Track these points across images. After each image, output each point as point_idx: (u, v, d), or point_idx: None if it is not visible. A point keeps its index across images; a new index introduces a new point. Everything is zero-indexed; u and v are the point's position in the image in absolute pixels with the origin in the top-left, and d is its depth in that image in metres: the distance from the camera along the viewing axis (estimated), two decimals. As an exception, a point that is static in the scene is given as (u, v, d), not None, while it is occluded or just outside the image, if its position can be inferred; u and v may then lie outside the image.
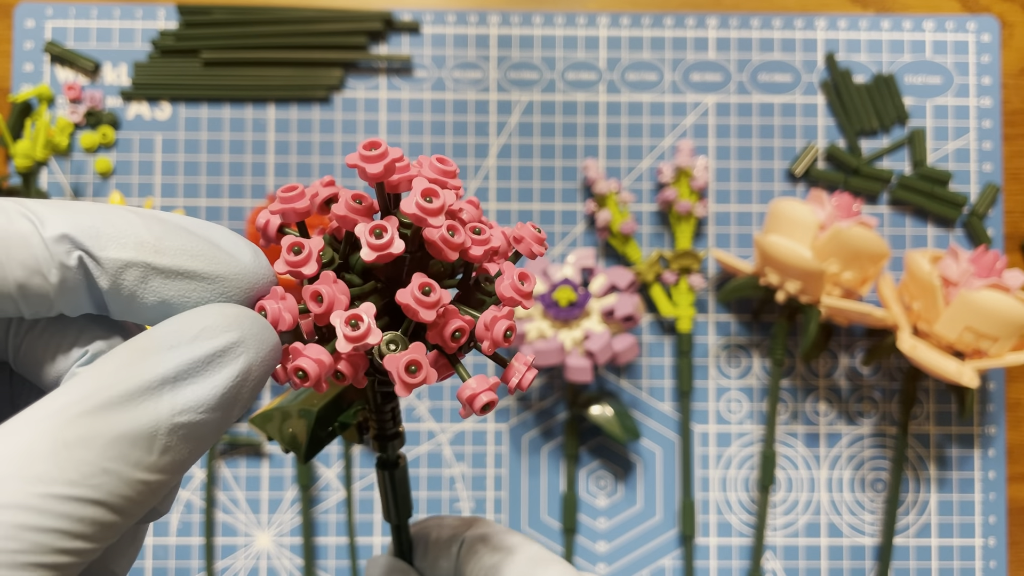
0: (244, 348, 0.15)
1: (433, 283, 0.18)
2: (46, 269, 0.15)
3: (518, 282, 0.19)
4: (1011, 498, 0.50)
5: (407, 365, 0.18)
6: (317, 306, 0.18)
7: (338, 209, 0.18)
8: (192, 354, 0.15)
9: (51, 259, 0.15)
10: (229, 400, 0.15)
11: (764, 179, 0.50)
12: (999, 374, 0.50)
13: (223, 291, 0.17)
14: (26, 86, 0.49)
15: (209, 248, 0.17)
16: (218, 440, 0.16)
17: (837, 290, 0.45)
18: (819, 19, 0.50)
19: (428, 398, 0.49)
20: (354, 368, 0.18)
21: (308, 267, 0.18)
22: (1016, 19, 0.51)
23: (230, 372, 0.15)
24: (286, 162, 0.49)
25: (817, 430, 0.50)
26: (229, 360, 0.15)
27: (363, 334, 0.17)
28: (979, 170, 0.50)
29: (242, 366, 0.15)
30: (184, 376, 0.15)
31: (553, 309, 0.45)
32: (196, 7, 0.49)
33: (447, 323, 0.18)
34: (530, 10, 0.50)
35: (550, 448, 0.49)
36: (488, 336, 0.19)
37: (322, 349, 0.18)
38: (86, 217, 0.16)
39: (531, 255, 0.20)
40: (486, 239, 0.19)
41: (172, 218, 0.17)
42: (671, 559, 0.49)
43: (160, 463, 0.14)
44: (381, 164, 0.18)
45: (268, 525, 0.48)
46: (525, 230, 0.20)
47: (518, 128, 0.50)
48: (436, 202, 0.18)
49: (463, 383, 0.19)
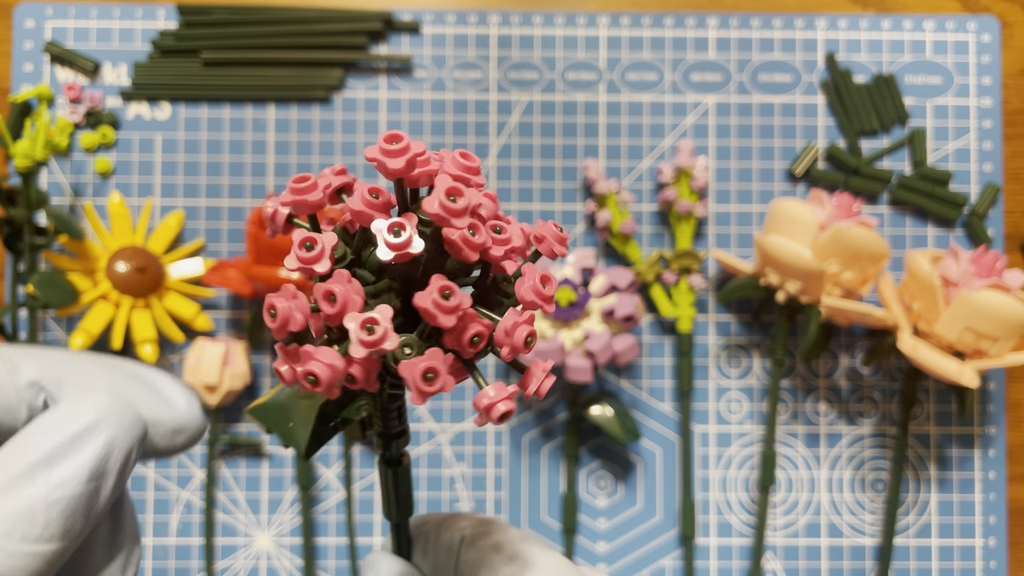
0: (105, 424, 0.18)
1: (453, 286, 0.17)
2: (16, 408, 0.18)
3: (539, 285, 0.18)
4: (1011, 498, 0.50)
5: (424, 372, 0.17)
6: (330, 306, 0.17)
7: (353, 203, 0.18)
8: (58, 437, 0.17)
9: (21, 401, 0.18)
10: (97, 472, 0.17)
11: (764, 179, 0.50)
12: (999, 374, 0.50)
13: (154, 431, 0.20)
14: (26, 86, 0.49)
15: (150, 396, 0.20)
16: (97, 509, 0.18)
17: (837, 290, 0.45)
18: (819, 19, 0.50)
19: (428, 398, 0.49)
20: (367, 372, 0.18)
21: (321, 264, 0.17)
22: (1016, 19, 0.51)
23: (94, 447, 0.17)
24: (286, 162, 0.49)
25: (817, 430, 0.50)
26: (92, 437, 0.17)
27: (379, 339, 0.17)
28: (979, 170, 0.50)
29: (105, 439, 0.18)
30: (54, 457, 0.17)
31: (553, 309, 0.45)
32: (196, 7, 0.49)
33: (466, 328, 0.18)
34: (530, 10, 0.50)
35: (550, 448, 0.49)
36: (508, 342, 0.18)
37: (334, 352, 0.17)
38: (54, 367, 0.19)
39: (552, 255, 0.19)
40: (507, 238, 0.18)
41: (127, 367, 0.20)
42: (671, 559, 0.49)
43: (45, 535, 0.17)
44: (403, 159, 0.17)
45: (268, 525, 0.48)
46: (547, 228, 0.19)
47: (518, 128, 0.50)
48: (460, 202, 0.17)
49: (480, 391, 0.18)
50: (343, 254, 0.18)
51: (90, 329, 0.45)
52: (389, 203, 0.18)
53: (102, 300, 0.47)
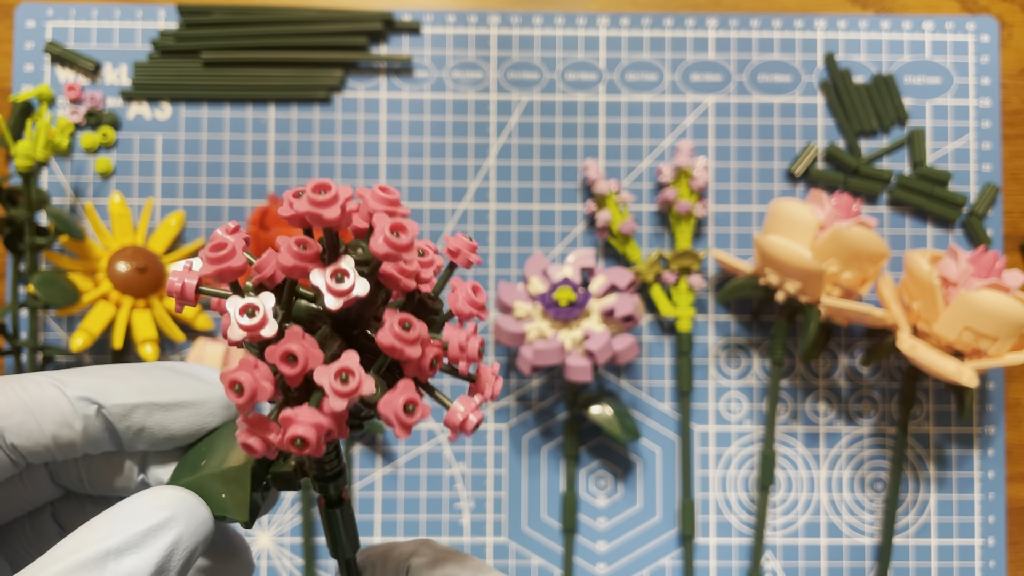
0: (175, 522, 0.19)
1: (411, 317, 0.17)
2: (72, 421, 0.20)
3: (472, 294, 0.19)
4: (1010, 498, 0.50)
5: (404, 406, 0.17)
6: (290, 367, 0.17)
7: (284, 260, 0.17)
8: (131, 530, 0.18)
9: (75, 413, 0.20)
10: (160, 567, 0.18)
11: (764, 179, 0.50)
12: (998, 374, 0.50)
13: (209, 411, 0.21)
14: (26, 86, 0.49)
15: (193, 382, 0.22)
16: None
17: (837, 290, 0.45)
18: (819, 19, 0.50)
19: (428, 398, 0.49)
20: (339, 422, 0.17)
21: (268, 328, 0.17)
22: (1015, 19, 0.51)
23: (162, 543, 0.18)
24: (286, 162, 0.49)
25: (817, 430, 0.50)
26: (162, 533, 0.18)
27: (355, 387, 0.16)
28: (978, 170, 0.50)
29: (173, 537, 0.18)
30: (124, 549, 0.18)
31: (553, 309, 0.45)
32: (196, 7, 0.49)
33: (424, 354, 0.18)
34: (530, 10, 0.50)
35: (550, 448, 0.49)
36: (464, 356, 0.18)
37: (314, 411, 0.17)
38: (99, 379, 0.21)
39: (468, 265, 0.19)
40: (431, 260, 0.18)
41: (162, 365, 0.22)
42: (671, 559, 0.49)
43: None
44: (337, 207, 0.17)
45: (268, 525, 0.49)
46: (459, 241, 0.19)
47: (518, 128, 0.50)
48: (404, 237, 0.17)
49: (449, 409, 0.18)
50: (275, 312, 0.18)
51: (91, 329, 0.46)
52: (317, 251, 0.18)
53: (103, 300, 0.47)
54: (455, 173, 0.50)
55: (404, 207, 0.19)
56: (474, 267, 0.49)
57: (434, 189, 0.50)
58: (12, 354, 0.46)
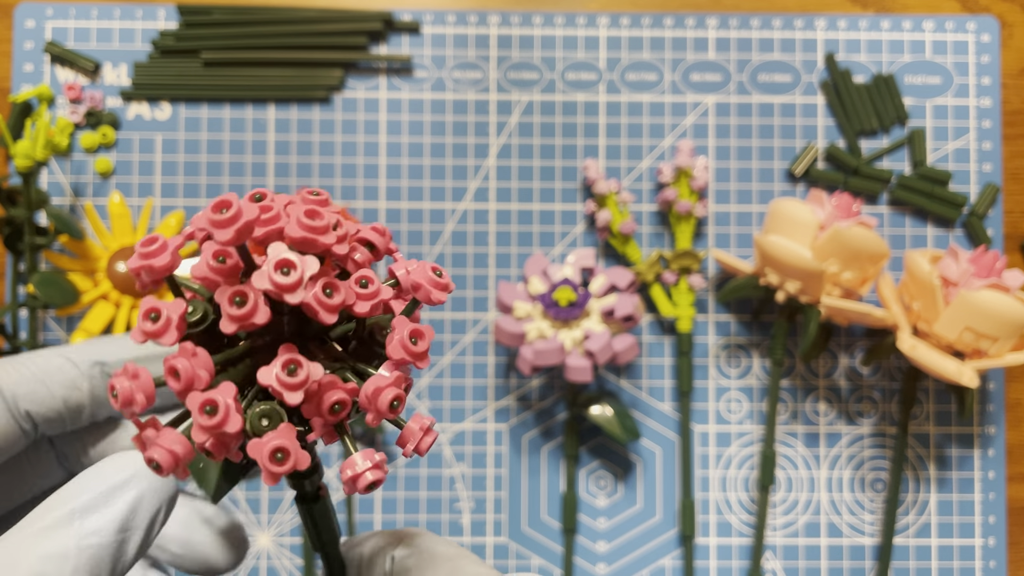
0: (137, 481, 0.19)
1: (300, 360, 0.16)
2: (79, 383, 0.22)
3: (409, 341, 0.17)
4: (1011, 498, 0.50)
5: (272, 452, 0.16)
6: (176, 382, 0.16)
7: (198, 270, 0.16)
8: (95, 490, 0.19)
9: (81, 375, 0.22)
10: (124, 524, 0.19)
11: (764, 179, 0.50)
12: (999, 374, 0.50)
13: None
14: (26, 86, 0.49)
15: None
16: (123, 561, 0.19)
17: (837, 290, 0.45)
18: (819, 19, 0.50)
19: (428, 398, 0.49)
20: (224, 447, 0.16)
21: (167, 337, 0.16)
22: (1016, 19, 0.51)
23: (124, 502, 0.19)
24: (286, 162, 0.49)
25: (817, 430, 0.50)
26: (124, 492, 0.19)
27: (220, 422, 0.15)
28: (979, 170, 0.50)
29: (134, 495, 0.19)
30: (88, 508, 0.19)
31: (553, 309, 0.45)
32: (196, 7, 0.49)
33: (322, 398, 0.16)
34: (530, 10, 0.50)
35: (550, 448, 0.49)
36: (372, 408, 0.17)
37: (178, 435, 0.16)
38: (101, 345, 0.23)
39: (430, 302, 0.17)
40: (373, 292, 0.17)
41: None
42: (671, 559, 0.49)
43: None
44: (232, 230, 0.16)
45: (268, 525, 0.49)
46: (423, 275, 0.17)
47: (518, 128, 0.50)
48: (294, 275, 0.16)
49: (347, 459, 0.17)
50: (203, 315, 0.17)
51: (90, 329, 0.46)
52: (238, 267, 0.17)
53: (102, 300, 0.47)
54: (455, 173, 0.50)
55: (342, 219, 0.17)
56: (475, 267, 0.49)
57: (434, 189, 0.50)
58: (12, 354, 0.46)
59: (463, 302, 0.49)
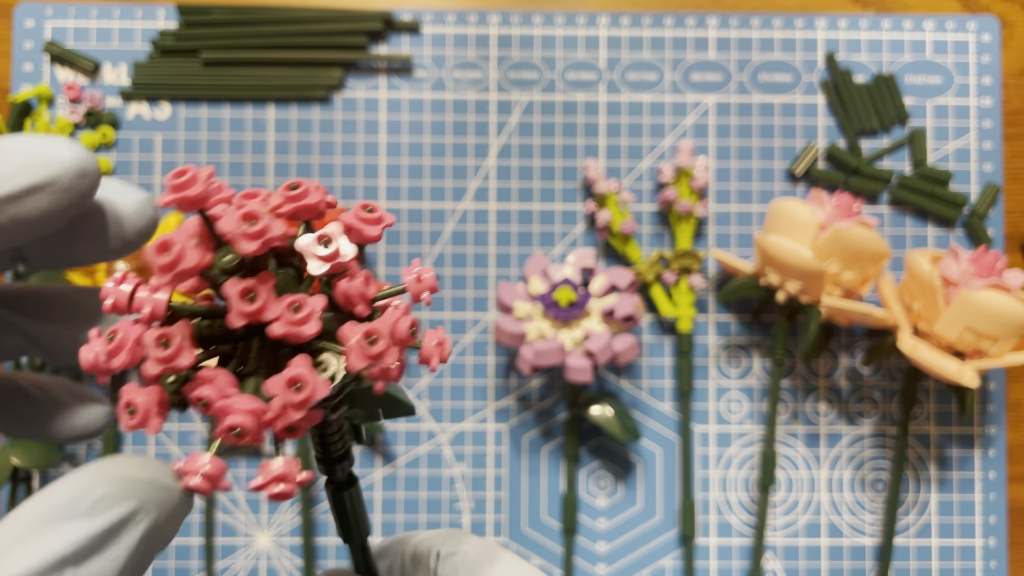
0: (143, 514, 0.15)
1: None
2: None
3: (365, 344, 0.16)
4: (1011, 498, 0.50)
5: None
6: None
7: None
8: (90, 529, 0.15)
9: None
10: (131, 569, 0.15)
11: (764, 179, 0.50)
12: (999, 374, 0.50)
13: (63, 188, 0.17)
14: (26, 86, 0.49)
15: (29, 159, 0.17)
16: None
17: (837, 290, 0.45)
18: (819, 19, 0.50)
19: (428, 398, 0.49)
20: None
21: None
22: (1016, 19, 0.51)
23: (129, 542, 0.15)
24: (286, 162, 0.49)
25: (817, 430, 0.50)
26: (128, 529, 0.15)
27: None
28: (979, 170, 0.50)
29: (142, 533, 0.15)
30: (84, 554, 0.14)
31: (553, 309, 0.45)
32: (196, 7, 0.49)
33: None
34: (530, 10, 0.50)
35: (550, 448, 0.49)
36: (394, 340, 0.16)
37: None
38: None
39: (364, 239, 0.17)
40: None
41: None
42: (671, 559, 0.49)
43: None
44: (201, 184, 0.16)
45: (268, 525, 0.48)
46: (351, 215, 0.17)
47: (518, 128, 0.50)
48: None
49: (263, 464, 0.16)
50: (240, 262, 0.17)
51: (90, 329, 0.45)
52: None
53: (102, 300, 0.46)
54: (455, 173, 0.50)
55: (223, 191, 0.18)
56: (475, 267, 0.49)
57: (434, 189, 0.49)
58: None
59: (463, 302, 0.49)
